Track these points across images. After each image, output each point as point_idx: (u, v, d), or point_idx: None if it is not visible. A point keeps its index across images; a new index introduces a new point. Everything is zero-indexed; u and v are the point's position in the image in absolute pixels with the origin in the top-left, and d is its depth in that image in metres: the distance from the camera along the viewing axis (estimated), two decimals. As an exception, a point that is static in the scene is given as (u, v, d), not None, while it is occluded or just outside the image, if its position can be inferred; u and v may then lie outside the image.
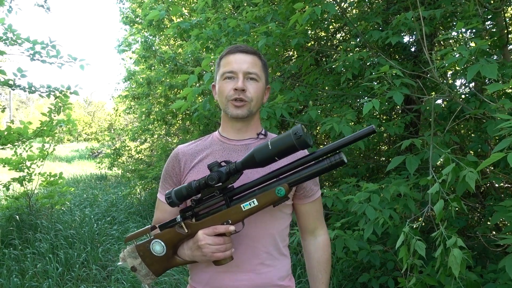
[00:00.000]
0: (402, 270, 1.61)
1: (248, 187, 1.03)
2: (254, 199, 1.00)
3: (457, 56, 1.68)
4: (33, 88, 4.11)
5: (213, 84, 1.25)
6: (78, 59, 4.14)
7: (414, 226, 1.63)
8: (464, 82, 2.77)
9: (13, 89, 4.13)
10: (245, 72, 1.13)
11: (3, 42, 3.80)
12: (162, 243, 1.08)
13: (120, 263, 1.13)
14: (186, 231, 1.05)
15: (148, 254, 1.09)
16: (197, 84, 2.98)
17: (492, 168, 2.37)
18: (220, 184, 0.99)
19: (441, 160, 1.52)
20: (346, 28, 3.86)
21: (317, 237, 1.25)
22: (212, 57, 2.69)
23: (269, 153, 0.94)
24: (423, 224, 2.45)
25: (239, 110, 1.13)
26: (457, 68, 2.78)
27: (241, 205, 1.01)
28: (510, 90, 2.30)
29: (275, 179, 1.02)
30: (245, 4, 3.46)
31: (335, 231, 2.21)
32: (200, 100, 3.81)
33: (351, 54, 2.72)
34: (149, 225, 1.11)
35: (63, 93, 4.37)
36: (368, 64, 2.72)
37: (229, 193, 1.04)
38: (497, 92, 2.22)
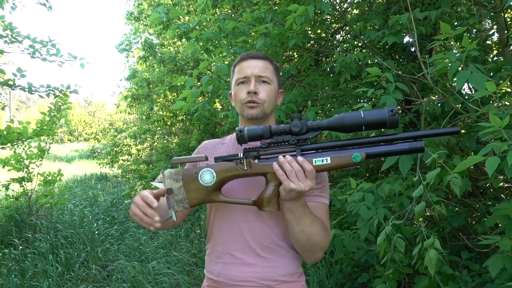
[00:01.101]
0: (382, 262, 1.68)
1: (322, 147, 1.02)
2: (328, 158, 0.99)
3: (447, 61, 1.69)
4: (33, 89, 4.11)
5: (230, 92, 1.32)
6: (78, 58, 4.14)
7: (399, 222, 1.68)
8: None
9: (13, 89, 4.13)
10: (256, 75, 1.19)
11: (3, 39, 3.80)
12: (214, 173, 1.05)
13: (155, 182, 1.09)
14: (246, 169, 1.03)
15: (192, 180, 1.05)
16: (197, 84, 2.98)
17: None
18: (300, 134, 1.00)
19: (428, 163, 1.55)
20: (346, 28, 3.87)
21: None
22: (209, 59, 2.71)
23: (359, 120, 0.95)
24: (415, 224, 2.46)
25: (253, 110, 1.18)
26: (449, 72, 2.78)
27: (313, 159, 0.99)
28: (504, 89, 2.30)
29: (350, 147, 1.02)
30: (244, 6, 3.47)
31: (333, 230, 2.22)
32: (200, 100, 3.82)
33: (345, 54, 2.72)
34: (203, 154, 1.09)
35: (62, 92, 4.37)
36: (366, 64, 2.72)
37: (303, 146, 1.02)
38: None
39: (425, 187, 1.51)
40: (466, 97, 2.41)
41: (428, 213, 2.72)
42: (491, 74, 2.09)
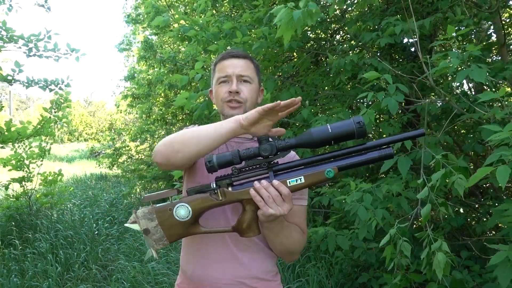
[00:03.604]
0: (388, 268, 1.66)
1: (294, 165, 1.02)
2: (302, 177, 0.99)
3: (449, 60, 1.68)
4: (32, 83, 4.10)
5: (210, 90, 1.32)
6: (75, 51, 4.12)
7: (404, 225, 1.66)
8: (463, 84, 2.77)
9: (11, 84, 4.11)
10: (238, 75, 1.19)
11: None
12: (189, 208, 1.02)
13: (128, 224, 1.06)
14: (221, 198, 1.02)
15: (167, 217, 1.03)
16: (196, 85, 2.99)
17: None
18: (271, 156, 0.99)
19: (433, 164, 1.54)
20: (346, 28, 3.86)
21: None
22: (205, 59, 2.73)
23: (327, 135, 0.95)
24: (415, 225, 2.46)
25: (235, 110, 1.18)
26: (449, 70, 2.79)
27: (287, 180, 0.99)
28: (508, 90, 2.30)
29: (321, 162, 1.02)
30: (244, 6, 3.48)
31: (327, 227, 2.20)
32: (201, 99, 3.82)
33: (342, 57, 2.73)
34: (174, 188, 1.06)
35: (59, 86, 4.35)
36: (363, 64, 2.73)
37: (274, 167, 1.02)
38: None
39: (430, 189, 1.50)
40: (469, 98, 2.42)
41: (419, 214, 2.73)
42: (492, 74, 2.08)
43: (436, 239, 1.45)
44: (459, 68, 1.66)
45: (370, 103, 2.65)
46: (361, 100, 3.20)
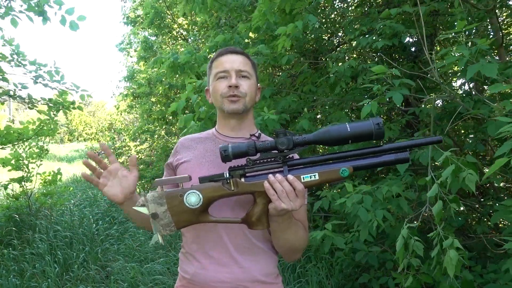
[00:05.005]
0: (399, 270, 1.64)
1: (308, 162, 1.01)
2: (316, 174, 0.99)
3: (457, 55, 1.68)
4: (33, 100, 4.14)
5: (206, 88, 1.29)
6: (81, 89, 4.20)
7: (412, 225, 1.64)
8: (464, 81, 2.77)
9: (14, 99, 4.14)
10: (237, 70, 1.17)
11: (9, 63, 3.81)
12: (200, 195, 1.02)
13: (136, 207, 1.05)
14: (233, 189, 1.01)
15: (177, 203, 1.02)
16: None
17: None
18: (286, 151, 0.99)
19: (439, 162, 1.53)
20: (344, 28, 3.86)
21: None
22: (197, 82, 2.79)
23: (345, 134, 0.95)
24: (421, 224, 2.45)
25: (235, 104, 1.16)
26: (455, 69, 2.78)
27: (301, 176, 0.99)
28: (510, 91, 2.30)
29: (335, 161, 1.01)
30: (244, 19, 3.49)
31: (324, 231, 2.17)
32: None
33: (340, 63, 2.75)
34: (187, 175, 1.05)
35: (65, 107, 4.38)
36: (361, 69, 2.73)
37: (289, 162, 1.01)
38: (497, 93, 2.23)
39: (439, 185, 1.47)
40: (465, 94, 2.41)
41: (426, 214, 2.72)
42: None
43: (447, 236, 1.43)
44: (468, 65, 1.65)
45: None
46: (362, 102, 3.20)
